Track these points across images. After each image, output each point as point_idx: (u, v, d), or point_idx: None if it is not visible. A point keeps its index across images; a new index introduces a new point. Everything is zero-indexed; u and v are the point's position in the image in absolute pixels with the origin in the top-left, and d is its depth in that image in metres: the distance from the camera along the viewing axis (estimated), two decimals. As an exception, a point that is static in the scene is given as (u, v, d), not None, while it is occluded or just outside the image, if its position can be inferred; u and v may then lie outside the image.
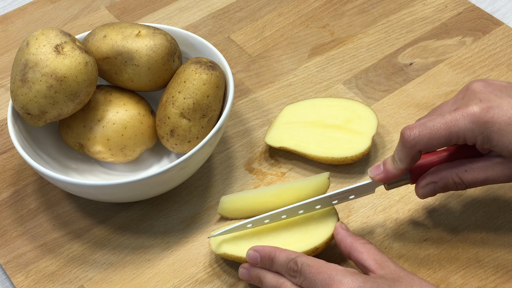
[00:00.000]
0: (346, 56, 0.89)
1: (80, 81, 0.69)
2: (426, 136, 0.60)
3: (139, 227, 0.74)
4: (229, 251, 0.68)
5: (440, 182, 0.63)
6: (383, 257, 0.62)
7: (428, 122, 0.61)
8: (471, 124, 0.59)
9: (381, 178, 0.65)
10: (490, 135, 0.59)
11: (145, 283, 0.70)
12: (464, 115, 0.60)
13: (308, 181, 0.72)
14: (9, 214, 0.76)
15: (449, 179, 0.63)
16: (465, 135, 0.60)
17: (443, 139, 0.60)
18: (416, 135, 0.60)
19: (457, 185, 0.63)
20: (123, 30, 0.74)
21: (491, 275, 0.68)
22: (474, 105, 0.60)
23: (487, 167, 0.61)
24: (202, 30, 0.93)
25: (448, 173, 0.63)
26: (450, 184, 0.63)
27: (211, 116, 0.72)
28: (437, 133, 0.60)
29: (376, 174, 0.65)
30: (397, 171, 0.63)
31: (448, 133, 0.60)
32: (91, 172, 0.78)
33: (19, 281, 0.71)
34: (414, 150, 0.61)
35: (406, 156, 0.62)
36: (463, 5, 0.93)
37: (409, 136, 0.61)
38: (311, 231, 0.68)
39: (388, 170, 0.64)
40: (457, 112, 0.60)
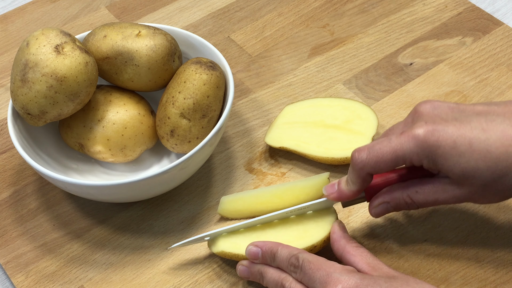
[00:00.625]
0: (346, 56, 0.89)
1: (80, 81, 0.69)
2: (373, 160, 0.61)
3: (139, 227, 0.74)
4: (227, 249, 0.68)
5: (392, 202, 0.64)
6: (375, 260, 0.63)
7: (376, 145, 0.62)
8: (415, 147, 0.60)
9: (335, 197, 0.66)
10: (435, 158, 0.59)
11: (145, 283, 0.70)
12: (409, 138, 0.60)
13: (308, 181, 0.72)
14: (9, 214, 0.76)
15: (401, 199, 0.63)
16: (411, 158, 0.60)
17: (390, 162, 0.61)
18: (364, 158, 0.62)
19: (409, 205, 0.64)
20: (123, 30, 0.74)
21: (491, 275, 0.68)
22: (419, 127, 0.60)
23: (436, 189, 0.62)
24: (202, 30, 0.93)
25: (400, 194, 0.64)
26: (401, 204, 0.64)
27: (211, 116, 0.72)
28: (384, 156, 0.61)
29: (330, 193, 0.66)
30: (349, 193, 0.65)
31: (394, 156, 0.61)
32: (91, 172, 0.78)
33: (19, 281, 0.71)
34: (363, 172, 0.62)
35: (357, 178, 0.63)
36: (463, 5, 0.93)
37: (357, 159, 0.62)
38: (309, 229, 0.68)
39: (342, 190, 0.65)
40: (403, 135, 0.61)
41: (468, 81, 0.84)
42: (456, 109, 0.61)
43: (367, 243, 0.71)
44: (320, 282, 0.60)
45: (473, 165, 0.58)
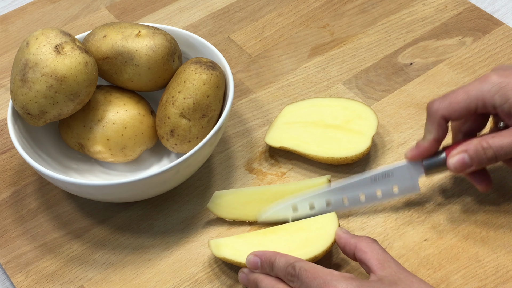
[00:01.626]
0: (346, 56, 0.89)
1: (80, 81, 0.69)
2: (446, 102, 0.66)
3: (139, 227, 0.74)
4: (229, 256, 0.68)
5: (469, 150, 0.65)
6: (386, 256, 0.62)
7: (449, 92, 0.67)
8: (488, 85, 0.64)
9: (415, 154, 0.68)
10: (506, 93, 0.63)
11: (145, 283, 0.70)
12: (481, 81, 0.65)
13: (308, 182, 0.72)
14: (9, 214, 0.76)
15: (477, 145, 0.65)
16: (483, 96, 0.64)
17: (462, 103, 0.65)
18: (438, 102, 0.66)
19: (485, 150, 0.64)
20: (123, 30, 0.74)
21: (491, 275, 0.68)
22: (491, 74, 0.65)
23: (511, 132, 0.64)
24: (202, 30, 0.93)
25: (477, 140, 0.65)
26: (478, 150, 0.65)
27: (211, 116, 0.72)
28: (457, 98, 0.65)
29: (409, 152, 0.69)
30: (427, 143, 0.67)
31: (466, 97, 0.65)
32: (91, 172, 0.78)
33: (19, 281, 0.71)
34: (437, 116, 0.66)
35: (432, 125, 0.67)
36: (463, 5, 0.93)
37: (431, 105, 0.67)
38: (311, 239, 0.68)
39: (420, 144, 0.68)
40: (477, 80, 0.66)
41: (468, 81, 0.84)
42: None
43: (367, 243, 0.71)
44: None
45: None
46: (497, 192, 0.74)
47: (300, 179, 0.77)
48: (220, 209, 0.73)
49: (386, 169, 0.69)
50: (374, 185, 0.70)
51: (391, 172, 0.69)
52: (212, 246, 0.69)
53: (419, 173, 0.69)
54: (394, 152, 0.78)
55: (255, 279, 0.65)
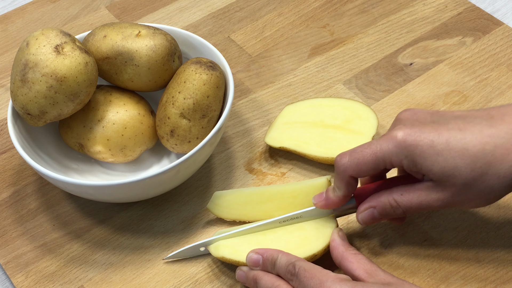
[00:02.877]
0: (346, 56, 0.89)
1: (80, 81, 0.69)
2: (354, 162, 0.63)
3: (139, 227, 0.74)
4: (228, 255, 0.68)
5: (378, 207, 0.64)
6: (373, 266, 0.63)
7: (357, 149, 0.64)
8: (394, 148, 0.61)
9: (323, 205, 0.67)
10: (413, 158, 0.60)
11: (145, 283, 0.70)
12: (388, 140, 0.62)
13: (307, 183, 0.72)
14: (9, 214, 0.76)
15: (386, 203, 0.64)
16: (390, 159, 0.61)
17: (370, 164, 0.62)
18: (345, 161, 0.63)
19: (394, 209, 0.63)
20: (123, 30, 0.74)
21: (491, 275, 0.68)
22: (398, 130, 0.61)
23: (420, 192, 0.62)
24: (202, 30, 0.93)
25: (385, 198, 0.64)
26: (387, 208, 0.64)
27: (211, 116, 0.72)
28: (364, 158, 0.62)
29: (318, 201, 0.67)
30: (336, 199, 0.66)
31: (374, 158, 0.62)
32: (91, 172, 0.78)
33: (19, 281, 0.71)
34: (346, 176, 0.64)
35: (341, 183, 0.64)
36: (463, 5, 0.93)
37: (339, 163, 0.64)
38: (309, 237, 0.68)
39: (329, 197, 0.66)
40: (382, 138, 0.62)
41: (468, 81, 0.84)
42: (435, 114, 0.63)
43: (367, 243, 0.71)
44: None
45: (452, 164, 0.59)
46: (497, 192, 0.74)
47: (300, 179, 0.77)
48: (220, 210, 0.73)
49: (295, 213, 0.69)
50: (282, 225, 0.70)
51: (300, 215, 0.69)
52: (211, 246, 0.69)
53: (328, 214, 0.69)
54: (394, 152, 0.78)
55: (254, 276, 0.65)
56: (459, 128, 0.60)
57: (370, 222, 0.65)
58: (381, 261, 0.69)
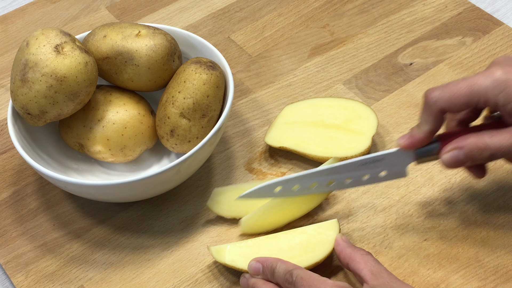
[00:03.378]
0: (346, 56, 0.89)
1: (80, 81, 0.69)
2: (447, 94, 0.61)
3: (139, 227, 0.74)
4: (229, 262, 0.68)
5: (465, 148, 0.62)
6: (379, 268, 0.63)
7: (450, 83, 0.62)
8: (492, 82, 0.60)
9: (408, 143, 0.65)
10: (510, 93, 0.60)
11: (145, 283, 0.70)
12: (485, 76, 0.61)
13: None
14: (9, 214, 0.76)
15: (474, 144, 0.62)
16: (486, 93, 0.60)
17: (464, 98, 0.61)
18: (437, 93, 0.62)
19: (482, 151, 0.61)
20: (123, 30, 0.74)
21: (491, 275, 0.68)
22: (496, 69, 0.61)
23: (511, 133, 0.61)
24: (202, 30, 0.93)
25: (474, 139, 0.62)
26: (474, 150, 0.62)
27: (211, 116, 0.72)
28: (458, 91, 0.61)
29: (403, 140, 0.65)
30: (422, 134, 0.64)
31: (469, 91, 0.61)
32: (91, 172, 0.78)
33: (19, 281, 0.71)
34: (436, 108, 0.62)
35: (429, 116, 0.63)
36: (463, 5, 0.93)
37: (430, 94, 0.62)
38: (312, 244, 0.68)
39: (414, 134, 0.64)
40: (479, 74, 0.61)
41: (468, 81, 0.84)
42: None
43: (367, 243, 0.71)
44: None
45: None
46: (497, 192, 0.74)
47: (300, 179, 0.77)
48: (219, 207, 0.73)
49: (377, 155, 0.66)
50: (362, 169, 0.68)
51: (382, 157, 0.67)
52: (213, 252, 0.69)
53: (410, 161, 0.67)
54: (394, 152, 0.78)
55: (253, 284, 0.66)
56: None
57: (454, 165, 0.63)
58: (381, 261, 0.69)
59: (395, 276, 0.62)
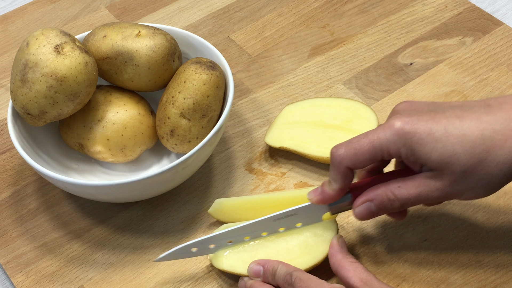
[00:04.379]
0: (346, 56, 0.89)
1: (80, 81, 0.69)
2: (351, 152, 0.61)
3: (139, 227, 0.74)
4: (227, 268, 0.68)
5: (375, 200, 0.63)
6: (369, 276, 0.63)
7: (353, 139, 0.62)
8: (392, 136, 0.60)
9: (319, 199, 0.65)
10: (411, 146, 0.59)
11: (145, 283, 0.70)
12: (385, 129, 0.60)
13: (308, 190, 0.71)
14: (9, 214, 0.76)
15: (383, 196, 0.62)
16: (388, 147, 0.60)
17: (367, 154, 0.61)
18: (342, 152, 0.62)
19: (392, 202, 0.62)
20: (123, 30, 0.74)
21: (491, 275, 0.68)
22: (395, 119, 0.60)
23: (418, 182, 0.61)
24: (202, 30, 0.93)
25: (382, 191, 0.62)
26: (384, 201, 0.62)
27: (211, 116, 0.73)
28: (362, 148, 0.61)
29: (314, 196, 0.66)
30: (332, 192, 0.64)
31: (371, 147, 0.61)
32: (91, 172, 0.78)
33: (19, 281, 0.71)
34: (342, 166, 0.62)
35: (337, 175, 0.63)
36: (463, 5, 0.93)
37: (335, 154, 0.62)
38: (310, 246, 0.68)
39: (325, 191, 0.65)
40: (379, 127, 0.61)
41: (468, 81, 0.84)
42: (432, 104, 0.62)
43: (367, 244, 0.71)
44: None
45: (450, 150, 0.58)
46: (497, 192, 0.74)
47: (300, 179, 0.77)
48: (221, 215, 0.73)
49: (290, 209, 0.67)
50: (277, 223, 0.68)
51: (295, 212, 0.67)
52: (211, 257, 0.69)
53: (323, 212, 0.67)
54: (394, 152, 0.78)
55: (251, 286, 0.66)
56: (457, 115, 0.59)
57: (367, 217, 0.64)
58: (381, 261, 0.69)
59: (385, 283, 0.62)
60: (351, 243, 0.71)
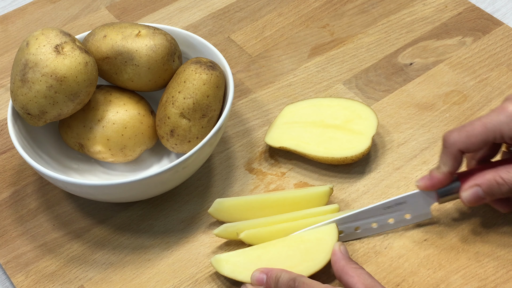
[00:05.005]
0: (346, 56, 0.89)
1: (80, 81, 0.69)
2: (463, 135, 0.63)
3: (139, 227, 0.74)
4: (228, 273, 0.68)
5: (483, 184, 0.64)
6: (373, 281, 0.63)
7: (466, 124, 0.64)
8: (506, 118, 0.62)
9: (427, 185, 0.66)
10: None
11: (145, 283, 0.70)
12: (498, 112, 0.63)
13: (310, 190, 0.71)
14: (9, 214, 0.76)
15: (492, 180, 0.63)
16: (501, 129, 0.62)
17: (480, 136, 0.63)
18: (455, 135, 0.64)
19: (500, 186, 0.63)
20: (123, 30, 0.74)
21: (491, 275, 0.68)
22: (508, 104, 0.62)
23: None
24: (202, 30, 0.93)
25: (491, 175, 0.64)
26: (493, 185, 0.63)
27: (211, 116, 0.73)
28: (474, 130, 0.63)
29: (422, 182, 0.67)
30: (442, 175, 0.65)
31: (484, 129, 0.62)
32: (91, 172, 0.78)
33: (19, 281, 0.71)
34: (454, 149, 0.64)
35: (448, 158, 0.64)
36: (463, 5, 0.93)
37: (448, 137, 0.64)
38: (311, 252, 0.67)
39: (434, 175, 0.66)
40: (493, 111, 0.63)
41: (468, 81, 0.84)
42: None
43: (367, 243, 0.71)
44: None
45: None
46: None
47: (300, 179, 0.77)
48: (221, 215, 0.72)
49: (399, 197, 0.68)
50: (387, 213, 0.69)
51: (404, 199, 0.69)
52: (213, 263, 0.68)
53: (432, 201, 0.69)
54: (394, 152, 0.78)
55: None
56: None
57: (474, 202, 0.65)
58: (381, 261, 0.69)
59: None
60: (351, 243, 0.71)
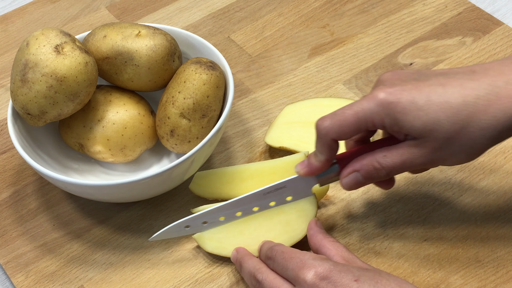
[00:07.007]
0: (346, 56, 0.89)
1: (80, 81, 0.69)
2: (336, 124, 0.62)
3: (139, 227, 0.74)
4: (212, 250, 0.69)
5: (361, 170, 0.63)
6: (350, 255, 0.63)
7: (338, 111, 0.62)
8: (376, 107, 0.60)
9: (306, 171, 0.66)
10: (395, 116, 0.59)
11: (145, 283, 0.70)
12: (369, 100, 0.61)
13: (287, 159, 0.72)
14: (9, 214, 0.76)
15: (369, 166, 0.63)
16: (372, 118, 0.60)
17: (352, 125, 0.61)
18: (327, 124, 0.62)
19: (378, 171, 0.62)
20: (123, 30, 0.74)
21: (491, 275, 0.68)
22: (379, 90, 0.61)
23: (403, 151, 0.61)
24: (202, 30, 0.93)
25: (368, 160, 0.63)
26: (371, 170, 0.63)
27: (211, 116, 0.73)
28: (346, 119, 0.61)
29: (301, 168, 0.66)
30: (319, 163, 0.65)
31: (356, 118, 0.61)
32: (91, 172, 0.78)
33: (19, 281, 0.71)
34: (328, 138, 0.62)
35: (322, 146, 0.63)
36: (463, 5, 0.93)
37: (320, 126, 0.63)
38: (292, 224, 0.69)
39: (311, 163, 0.65)
40: (363, 98, 0.61)
41: (468, 81, 0.84)
42: (416, 73, 0.62)
43: (367, 243, 0.71)
44: (293, 269, 0.61)
45: (433, 117, 0.58)
46: (497, 192, 0.74)
47: (300, 179, 0.77)
48: (202, 190, 0.73)
49: (278, 183, 0.68)
50: (267, 197, 0.69)
51: (284, 185, 0.68)
52: (197, 239, 0.69)
53: (312, 183, 0.68)
54: (394, 152, 0.78)
55: (238, 260, 0.67)
56: (440, 83, 0.59)
57: (354, 186, 0.64)
58: (381, 261, 0.69)
59: (367, 264, 0.63)
60: (351, 243, 0.71)
